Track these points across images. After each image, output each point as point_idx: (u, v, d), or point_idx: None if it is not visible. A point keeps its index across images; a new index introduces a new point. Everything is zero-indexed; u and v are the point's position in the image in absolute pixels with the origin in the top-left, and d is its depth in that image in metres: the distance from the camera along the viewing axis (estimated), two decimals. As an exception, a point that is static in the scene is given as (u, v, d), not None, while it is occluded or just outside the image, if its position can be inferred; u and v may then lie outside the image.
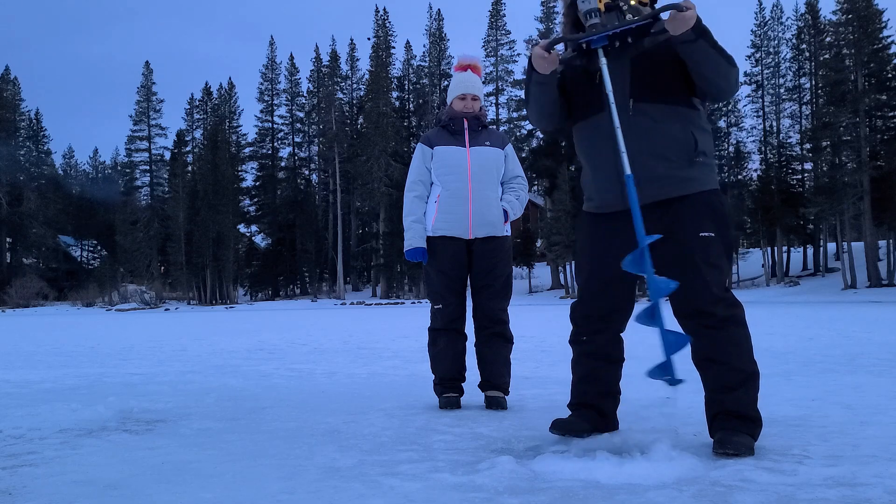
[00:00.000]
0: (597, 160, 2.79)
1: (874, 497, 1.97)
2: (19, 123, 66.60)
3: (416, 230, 3.84)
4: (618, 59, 2.70)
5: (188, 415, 3.65)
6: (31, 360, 7.79)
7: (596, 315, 2.88)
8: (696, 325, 2.64)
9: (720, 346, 2.61)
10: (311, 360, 6.98)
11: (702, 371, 2.68)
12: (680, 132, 2.68)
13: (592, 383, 2.91)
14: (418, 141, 4.00)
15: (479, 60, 4.05)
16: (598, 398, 2.90)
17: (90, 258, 70.71)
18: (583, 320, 2.92)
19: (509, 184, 3.95)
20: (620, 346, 2.94)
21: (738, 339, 2.63)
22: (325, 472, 2.35)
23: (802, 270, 47.58)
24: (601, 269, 2.82)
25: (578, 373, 2.96)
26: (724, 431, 2.54)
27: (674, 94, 2.69)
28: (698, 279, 2.60)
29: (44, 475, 2.39)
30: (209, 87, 68.47)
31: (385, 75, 58.54)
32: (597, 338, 2.89)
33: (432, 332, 3.89)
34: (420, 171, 3.90)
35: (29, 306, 51.07)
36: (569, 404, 2.99)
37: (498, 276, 3.82)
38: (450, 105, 3.96)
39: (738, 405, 2.59)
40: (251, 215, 65.84)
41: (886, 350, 6.76)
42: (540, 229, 52.58)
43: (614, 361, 2.92)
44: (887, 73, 41.79)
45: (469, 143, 3.84)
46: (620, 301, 2.87)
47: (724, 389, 2.61)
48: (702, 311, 2.61)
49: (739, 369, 2.61)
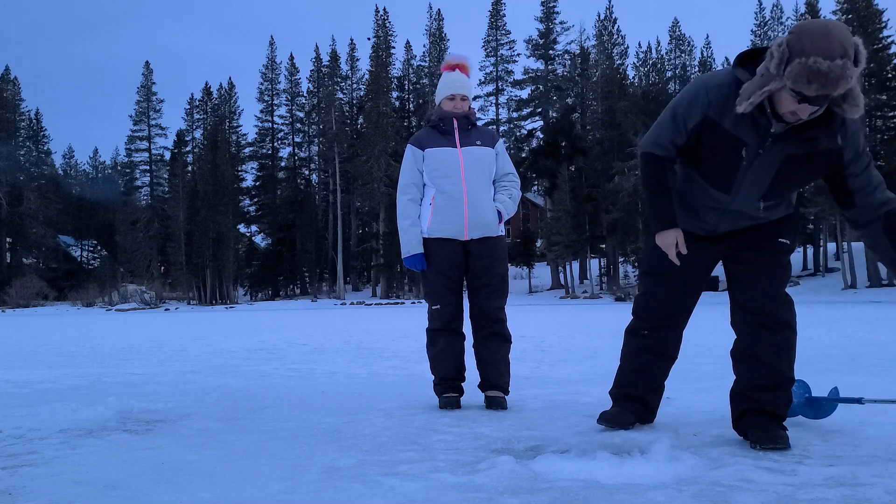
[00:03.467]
0: (694, 205, 2.79)
1: (874, 497, 1.97)
2: (19, 123, 66.57)
3: (413, 234, 3.81)
4: (771, 153, 2.52)
5: (188, 415, 3.65)
6: (31, 360, 7.78)
7: (663, 312, 2.95)
8: (752, 322, 2.73)
9: (771, 348, 2.70)
10: (311, 361, 6.98)
11: (742, 365, 2.76)
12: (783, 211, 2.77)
13: (645, 377, 3.01)
14: (408, 143, 3.96)
15: (467, 60, 3.99)
16: (646, 392, 3.01)
17: (90, 258, 70.68)
18: (648, 315, 2.99)
19: (501, 181, 3.92)
20: (678, 346, 3.04)
21: (789, 345, 2.72)
22: (325, 472, 2.35)
23: (802, 270, 47.56)
24: (679, 271, 2.85)
25: (631, 365, 3.03)
26: (763, 428, 2.61)
27: (796, 192, 2.77)
28: (771, 278, 2.72)
29: (44, 475, 2.39)
30: (209, 87, 68.55)
31: (385, 75, 58.53)
32: (658, 334, 2.98)
33: (431, 332, 3.89)
34: (412, 174, 3.86)
35: (29, 306, 51.04)
36: (613, 393, 3.07)
37: (495, 276, 3.82)
38: (439, 105, 3.92)
39: (774, 405, 2.68)
40: (251, 215, 65.88)
41: (886, 350, 6.76)
42: (540, 229, 52.55)
43: (669, 359, 3.03)
44: (887, 73, 41.83)
45: (460, 144, 3.81)
46: (690, 303, 2.96)
47: (762, 389, 2.68)
48: (764, 311, 2.70)
49: (782, 373, 2.71)
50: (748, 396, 2.70)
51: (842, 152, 2.48)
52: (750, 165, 2.54)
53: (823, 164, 2.52)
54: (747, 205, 2.66)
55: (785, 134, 2.46)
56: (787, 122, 2.42)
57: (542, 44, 57.42)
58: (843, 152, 2.48)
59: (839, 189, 2.57)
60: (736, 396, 2.77)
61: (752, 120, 2.47)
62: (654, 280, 2.95)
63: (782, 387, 2.70)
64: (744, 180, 2.59)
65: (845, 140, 2.47)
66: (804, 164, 2.52)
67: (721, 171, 2.62)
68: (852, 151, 2.50)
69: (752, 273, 2.74)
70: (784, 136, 2.47)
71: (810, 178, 2.66)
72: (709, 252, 2.85)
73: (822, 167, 2.54)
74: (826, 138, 2.46)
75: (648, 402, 3.02)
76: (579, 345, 8.27)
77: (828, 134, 2.45)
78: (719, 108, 2.53)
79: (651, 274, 2.97)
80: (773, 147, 2.49)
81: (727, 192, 2.64)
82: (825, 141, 2.46)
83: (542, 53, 57.58)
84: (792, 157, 2.50)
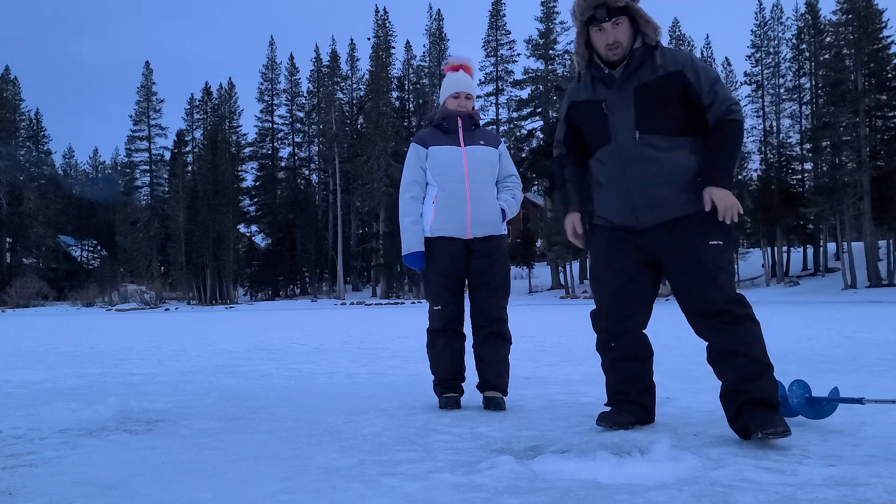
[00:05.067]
0: (609, 185, 2.97)
1: (874, 497, 1.97)
2: (19, 123, 66.58)
3: (414, 232, 3.81)
4: (621, 91, 2.88)
5: (188, 415, 3.65)
6: (31, 360, 7.79)
7: (617, 318, 3.04)
8: (714, 323, 2.79)
9: (741, 339, 2.75)
10: (311, 361, 6.98)
11: (722, 366, 2.80)
12: (685, 160, 2.86)
13: (631, 383, 3.07)
14: (411, 141, 3.97)
15: (470, 61, 4.02)
16: (638, 395, 3.06)
17: (90, 258, 70.69)
18: (605, 326, 3.08)
19: (503, 182, 3.94)
20: (647, 343, 3.11)
21: (756, 334, 2.79)
22: (325, 472, 2.35)
23: (802, 270, 47.58)
24: (615, 275, 3.00)
25: (614, 377, 3.11)
26: (760, 417, 2.63)
27: (678, 126, 2.87)
28: (714, 283, 2.79)
29: (44, 475, 2.39)
30: (209, 87, 68.55)
31: (385, 75, 58.54)
32: (623, 341, 3.06)
33: (431, 332, 3.89)
34: (415, 172, 3.87)
35: (29, 306, 51.05)
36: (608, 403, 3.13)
37: (496, 274, 3.81)
38: (443, 104, 3.93)
39: (764, 393, 2.71)
40: (251, 215, 65.88)
41: (887, 350, 6.76)
42: (540, 229, 52.56)
43: (645, 358, 3.10)
44: (887, 73, 41.81)
45: (464, 143, 3.82)
46: (639, 301, 3.03)
47: (747, 380, 2.72)
48: (720, 310, 2.76)
49: (760, 360, 2.75)
50: (737, 391, 2.73)
51: (683, 73, 2.83)
52: (612, 111, 2.89)
53: (673, 87, 2.83)
54: (629, 145, 2.86)
55: (626, 75, 2.87)
56: (615, 61, 2.86)
57: (542, 44, 57.40)
58: (684, 73, 2.83)
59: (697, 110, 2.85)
60: (726, 397, 2.78)
61: (596, 78, 2.95)
62: (595, 288, 3.12)
63: (765, 374, 2.74)
64: (615, 124, 2.88)
65: (677, 62, 2.84)
66: (655, 90, 2.83)
67: (598, 131, 2.96)
68: (692, 71, 2.83)
69: (690, 281, 2.82)
70: (626, 77, 2.87)
71: (670, 104, 2.84)
72: (636, 248, 2.94)
73: (674, 90, 2.83)
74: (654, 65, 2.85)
75: (643, 403, 3.06)
76: (579, 345, 8.27)
77: (654, 61, 2.85)
78: (574, 92, 3.07)
79: (595, 286, 3.12)
80: (622, 88, 2.88)
81: (608, 142, 2.92)
82: (658, 67, 2.84)
83: (542, 53, 57.57)
84: (640, 88, 2.85)
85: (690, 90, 2.83)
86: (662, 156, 2.83)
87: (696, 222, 2.82)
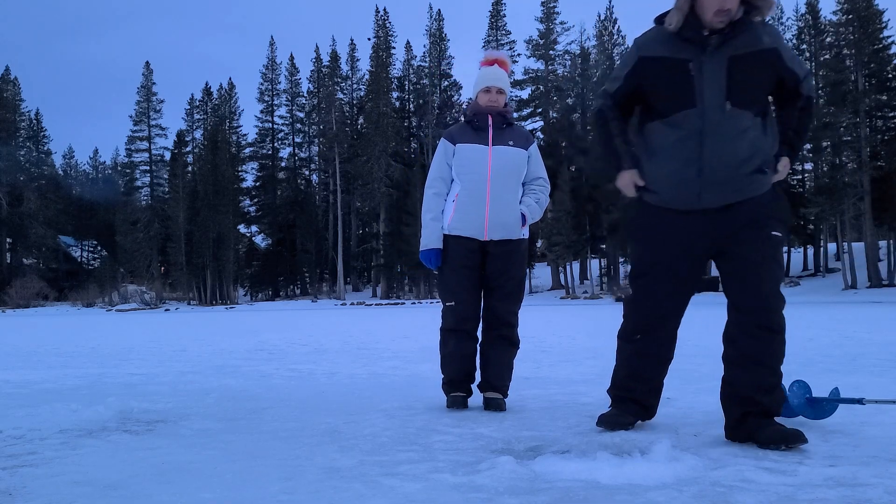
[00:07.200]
0: (669, 155, 2.73)
1: (874, 497, 1.97)
2: (19, 123, 66.57)
3: (433, 228, 3.76)
4: (713, 57, 2.66)
5: (188, 415, 3.65)
6: (31, 360, 7.78)
7: (653, 315, 2.91)
8: (750, 323, 2.70)
9: (772, 350, 2.71)
10: (312, 361, 6.97)
11: (742, 369, 2.72)
12: (763, 143, 2.72)
13: (642, 381, 2.99)
14: (441, 135, 3.90)
15: (506, 56, 3.91)
16: (644, 395, 2.99)
17: (90, 258, 70.70)
18: (638, 319, 2.95)
19: (530, 185, 3.83)
20: (673, 346, 3.01)
21: (783, 348, 2.76)
22: (325, 473, 2.35)
23: (803, 270, 47.57)
24: (657, 267, 2.84)
25: (627, 370, 3.01)
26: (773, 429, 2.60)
27: (761, 107, 2.74)
28: (767, 275, 2.70)
29: (44, 475, 2.39)
30: (209, 87, 68.57)
31: (385, 75, 58.54)
32: (651, 337, 2.94)
33: (443, 332, 3.83)
34: (441, 168, 3.81)
35: (29, 307, 51.06)
36: (611, 394, 3.06)
37: (511, 278, 3.76)
38: (475, 100, 3.85)
39: (772, 406, 2.70)
40: (251, 215, 65.89)
41: (887, 350, 6.76)
42: (540, 229, 52.55)
43: (665, 361, 3.01)
44: (887, 73, 41.80)
45: (492, 142, 3.74)
46: (681, 305, 2.92)
47: (763, 391, 2.68)
48: (765, 308, 2.68)
49: (777, 373, 2.73)
50: (751, 399, 2.66)
51: (779, 51, 2.69)
52: (701, 73, 2.65)
53: (765, 64, 2.69)
54: (715, 113, 2.63)
55: (721, 41, 2.64)
56: (718, 31, 2.63)
57: (543, 44, 57.40)
58: (779, 51, 2.70)
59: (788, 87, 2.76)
60: (733, 400, 2.71)
61: (686, 38, 2.68)
62: (642, 283, 2.92)
63: (777, 386, 2.74)
64: (703, 89, 2.65)
65: (773, 39, 2.70)
66: (748, 63, 2.65)
67: (678, 92, 2.69)
68: (786, 49, 2.73)
69: (746, 270, 2.70)
70: (721, 45, 2.65)
71: (760, 81, 2.71)
72: (694, 240, 2.77)
73: (765, 66, 2.69)
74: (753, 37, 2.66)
75: (647, 403, 3.02)
76: (579, 345, 8.27)
77: (753, 33, 2.66)
78: (650, 45, 2.78)
79: (638, 277, 2.94)
80: (714, 54, 2.65)
81: (692, 105, 2.66)
82: (757, 41, 2.66)
83: (543, 54, 57.56)
84: (736, 59, 2.64)
85: (783, 69, 2.71)
86: (748, 134, 2.65)
87: (761, 210, 2.71)
